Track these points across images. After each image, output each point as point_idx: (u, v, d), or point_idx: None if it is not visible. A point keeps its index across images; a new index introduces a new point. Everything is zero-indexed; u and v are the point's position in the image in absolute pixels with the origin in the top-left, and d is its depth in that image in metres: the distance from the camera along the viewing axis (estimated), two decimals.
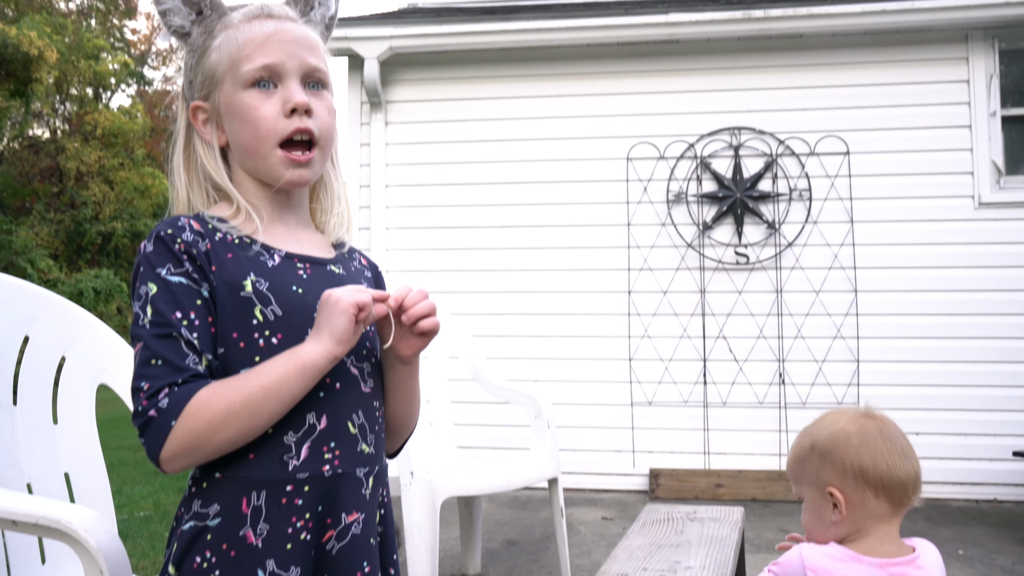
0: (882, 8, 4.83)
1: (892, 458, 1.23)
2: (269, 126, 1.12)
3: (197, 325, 1.04)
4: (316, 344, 1.04)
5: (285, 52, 1.13)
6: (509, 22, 5.16)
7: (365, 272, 1.29)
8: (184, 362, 1.02)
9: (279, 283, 1.10)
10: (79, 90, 22.36)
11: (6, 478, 1.62)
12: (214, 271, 1.07)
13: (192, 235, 1.08)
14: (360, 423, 1.12)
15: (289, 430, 1.06)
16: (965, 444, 4.83)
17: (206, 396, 1.00)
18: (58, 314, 1.83)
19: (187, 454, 1.01)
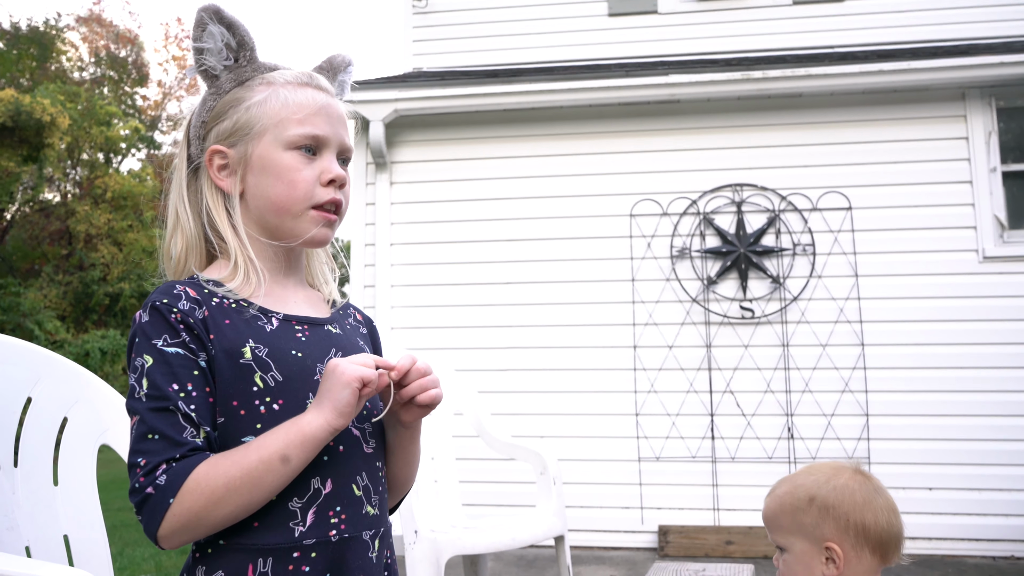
0: (879, 68, 4.92)
1: (891, 516, 1.25)
2: (307, 189, 1.13)
3: (195, 397, 1.03)
4: (317, 415, 1.02)
5: (331, 127, 1.16)
6: (512, 85, 5.26)
7: (360, 328, 1.29)
8: (182, 436, 1.00)
9: (278, 348, 1.09)
10: (90, 155, 22.74)
11: (4, 541, 1.61)
12: (212, 339, 1.06)
13: (189, 303, 1.07)
14: (364, 485, 1.11)
15: (294, 496, 1.04)
16: (980, 499, 4.74)
17: (205, 472, 0.98)
18: (61, 375, 1.83)
19: (185, 531, 0.99)
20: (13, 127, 17.52)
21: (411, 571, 2.50)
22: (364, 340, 1.27)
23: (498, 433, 3.28)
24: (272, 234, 1.16)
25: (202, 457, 1.00)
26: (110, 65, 27.39)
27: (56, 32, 25.06)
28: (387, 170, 5.49)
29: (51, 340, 17.82)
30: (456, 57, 6.35)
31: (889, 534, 1.24)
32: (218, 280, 1.12)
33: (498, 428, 3.32)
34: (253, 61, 1.20)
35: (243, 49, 1.19)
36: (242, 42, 1.19)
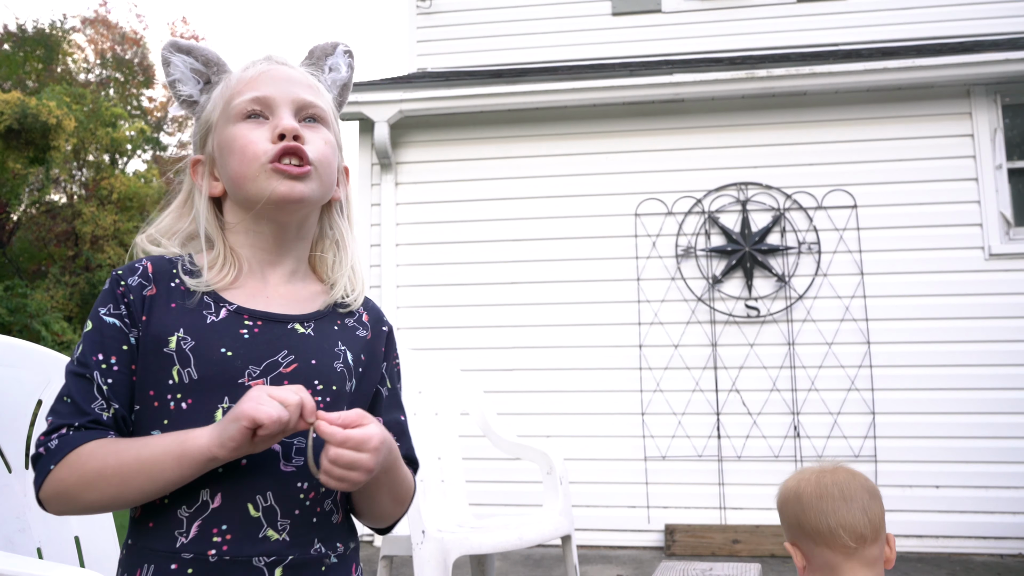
0: (883, 66, 4.91)
1: (825, 505, 1.27)
2: (256, 148, 1.07)
3: (115, 372, 1.01)
4: (204, 436, 0.94)
5: (276, 87, 1.11)
6: (516, 85, 5.27)
7: (358, 331, 1.17)
8: (89, 406, 0.99)
9: (207, 343, 1.02)
10: (96, 156, 22.81)
11: (16, 542, 1.62)
12: (143, 321, 1.03)
13: (138, 279, 1.06)
14: (267, 506, 0.99)
15: (183, 504, 0.98)
16: (987, 497, 4.74)
17: (88, 451, 0.97)
18: None
19: (60, 501, 0.99)
20: (19, 129, 17.58)
21: (418, 571, 2.51)
22: (356, 345, 1.14)
23: (504, 433, 3.29)
24: (250, 212, 1.11)
25: (97, 435, 0.98)
26: (116, 67, 27.47)
27: (62, 34, 25.13)
28: (392, 171, 5.50)
29: (58, 341, 17.88)
30: (460, 57, 6.36)
31: (823, 525, 1.26)
32: (198, 268, 1.09)
33: (504, 428, 3.33)
34: (224, 74, 1.19)
35: (210, 67, 1.19)
36: (206, 61, 1.19)
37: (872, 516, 1.27)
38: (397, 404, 1.21)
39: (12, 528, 1.65)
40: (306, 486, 1.02)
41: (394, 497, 1.11)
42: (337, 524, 1.08)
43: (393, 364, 1.22)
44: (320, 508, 1.04)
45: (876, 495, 1.30)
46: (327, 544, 1.05)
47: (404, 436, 1.19)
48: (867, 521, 1.26)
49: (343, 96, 1.27)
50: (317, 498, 1.04)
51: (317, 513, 1.04)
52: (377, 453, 0.95)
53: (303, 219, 1.15)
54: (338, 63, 1.26)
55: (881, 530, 1.28)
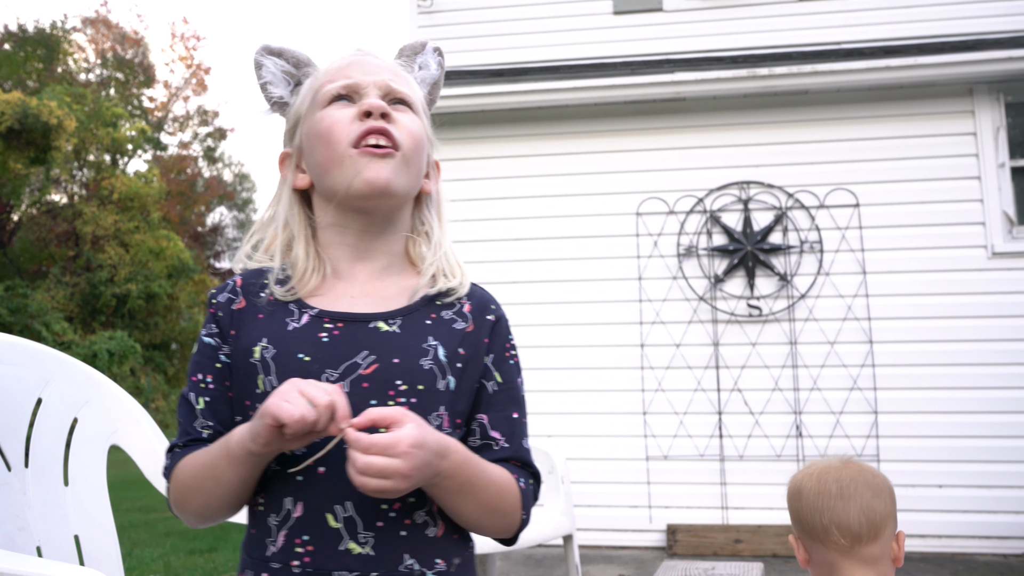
0: (885, 64, 4.90)
1: (821, 502, 1.26)
2: (342, 128, 1.05)
3: (211, 390, 1.04)
4: (241, 432, 0.94)
5: (364, 73, 1.10)
6: (517, 84, 5.26)
7: (456, 324, 1.09)
8: (192, 425, 1.04)
9: (286, 350, 1.00)
10: (97, 156, 22.83)
11: (16, 541, 1.61)
12: (233, 335, 1.04)
13: (227, 295, 1.07)
14: (347, 516, 0.95)
15: (272, 512, 0.98)
16: (990, 496, 4.73)
17: (182, 466, 1.02)
18: (71, 376, 1.84)
19: (180, 515, 1.06)
20: (20, 130, 17.60)
21: None
22: (452, 339, 1.06)
23: None
24: (338, 204, 1.07)
25: (196, 448, 1.03)
26: (116, 67, 27.50)
27: (63, 34, 25.16)
28: None
29: (59, 341, 17.89)
30: (461, 56, 6.34)
31: (820, 522, 1.25)
32: (288, 274, 1.08)
33: None
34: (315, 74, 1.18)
35: (300, 68, 1.19)
36: (296, 63, 1.19)
37: (871, 515, 1.24)
38: (510, 400, 1.10)
39: (12, 527, 1.64)
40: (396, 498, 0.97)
41: (482, 505, 1.00)
42: (436, 538, 1.00)
43: (505, 356, 1.13)
44: (410, 520, 0.98)
45: (882, 492, 1.27)
46: (422, 560, 0.98)
47: (514, 436, 1.09)
48: (864, 520, 1.24)
49: (434, 94, 1.24)
50: (405, 509, 0.98)
51: (406, 526, 0.98)
52: (410, 457, 0.88)
53: (392, 211, 1.11)
54: (427, 61, 1.24)
55: (883, 528, 1.25)
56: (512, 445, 1.08)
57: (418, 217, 1.18)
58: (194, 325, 22.72)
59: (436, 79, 1.24)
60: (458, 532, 1.04)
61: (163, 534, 5.85)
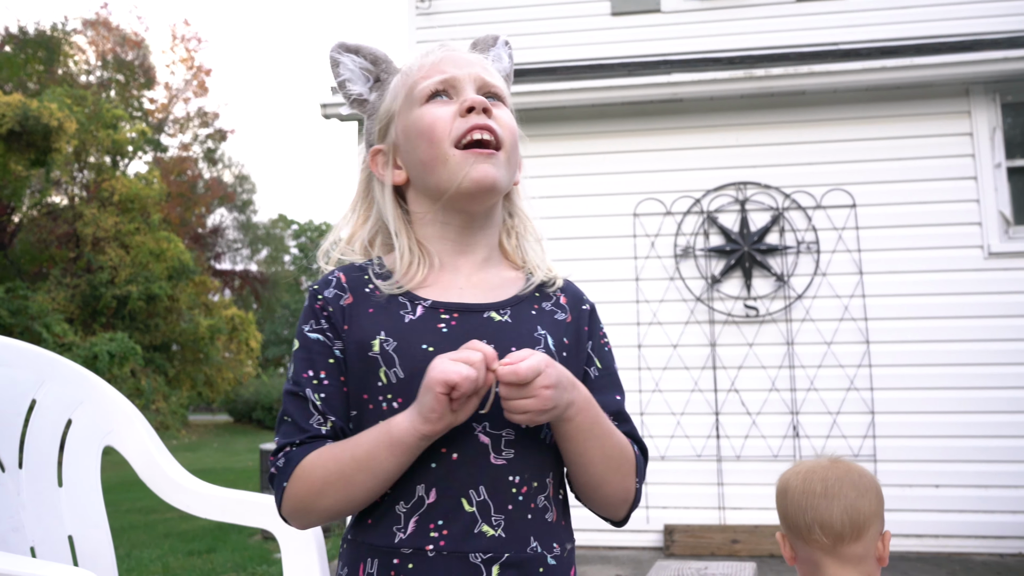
0: (881, 65, 4.91)
1: (805, 501, 1.27)
2: (444, 126, 1.06)
3: (326, 385, 1.03)
4: (405, 418, 0.95)
5: (459, 68, 1.10)
6: (515, 85, 5.26)
7: (557, 315, 1.12)
8: (308, 423, 1.02)
9: (408, 341, 1.02)
10: (97, 158, 22.84)
11: (9, 541, 1.62)
12: (346, 330, 1.04)
13: (334, 291, 1.07)
14: (481, 500, 0.99)
15: (400, 500, 1.00)
16: (987, 496, 4.73)
17: (311, 462, 0.99)
18: (66, 376, 1.85)
19: (300, 516, 1.02)
20: (21, 132, 17.61)
21: None
22: (557, 329, 1.10)
23: None
24: (440, 202, 1.09)
25: (316, 446, 1.01)
26: (117, 68, 27.53)
27: (63, 36, 25.18)
28: None
29: (59, 343, 17.90)
30: None
31: (803, 520, 1.26)
32: (387, 270, 1.09)
33: None
34: (393, 72, 1.18)
35: (378, 65, 1.20)
36: (374, 59, 1.20)
37: (854, 515, 1.25)
38: (611, 384, 1.14)
39: (6, 527, 1.65)
40: (518, 480, 1.01)
41: (606, 454, 1.04)
42: (552, 523, 1.04)
43: (601, 343, 1.17)
44: (534, 504, 1.02)
45: (867, 492, 1.27)
46: (543, 543, 1.02)
47: (621, 416, 1.13)
48: (847, 520, 1.24)
49: (507, 86, 1.23)
50: (530, 493, 1.02)
51: (531, 509, 1.02)
52: (549, 376, 0.93)
53: (492, 206, 1.13)
54: (500, 54, 1.25)
55: (867, 528, 1.25)
56: (622, 425, 1.11)
57: (507, 209, 1.20)
58: (194, 326, 22.72)
59: (508, 71, 1.25)
60: (566, 519, 1.08)
61: (162, 535, 5.86)
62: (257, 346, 26.38)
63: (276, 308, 39.08)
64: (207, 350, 23.41)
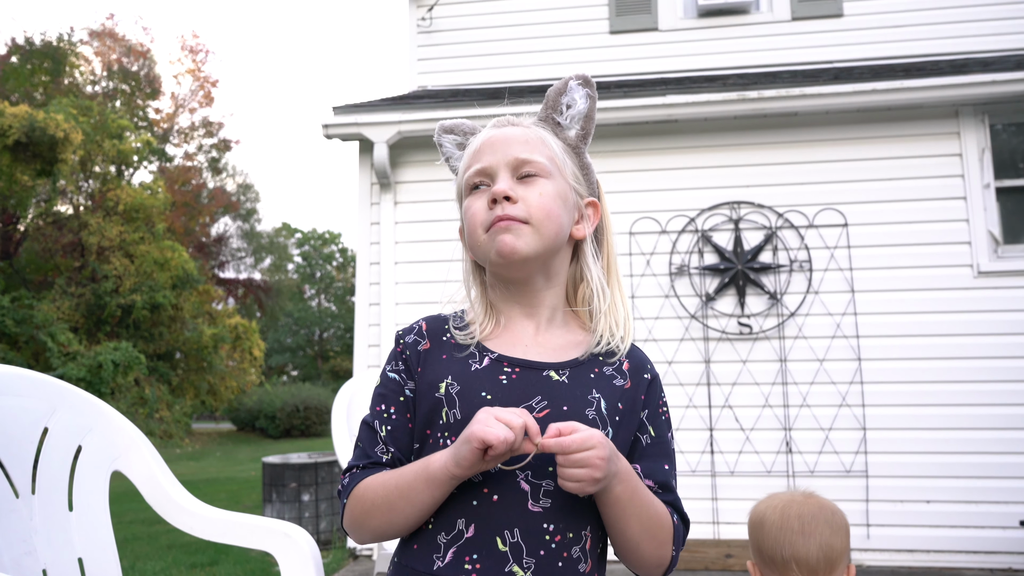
0: (872, 88, 5.00)
1: (783, 536, 1.35)
2: (480, 218, 1.18)
3: (394, 420, 1.16)
4: (443, 456, 1.06)
5: (493, 155, 1.20)
6: (512, 106, 5.34)
7: (616, 380, 1.18)
8: (373, 450, 1.16)
9: (470, 387, 1.12)
10: (102, 168, 23.00)
11: (23, 565, 1.71)
12: (419, 372, 1.17)
13: (414, 337, 1.22)
14: (514, 542, 1.06)
15: (442, 531, 1.09)
16: (977, 512, 4.80)
17: (366, 485, 1.12)
18: (76, 405, 1.94)
19: (354, 531, 1.15)
20: (27, 142, 17.76)
21: None
22: (612, 393, 1.16)
23: None
24: (487, 268, 1.23)
25: (376, 471, 1.14)
26: (122, 78, 27.72)
27: (69, 46, 25.38)
28: (391, 190, 5.60)
29: (64, 352, 18.01)
30: (460, 75, 6.47)
31: (779, 555, 1.34)
32: (466, 320, 1.23)
33: None
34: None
35: (469, 137, 1.32)
36: (465, 133, 1.34)
37: (828, 552, 1.33)
38: (662, 453, 1.19)
39: (19, 551, 1.74)
40: (552, 528, 1.08)
41: (644, 524, 1.10)
42: (585, 573, 1.10)
43: (659, 412, 1.22)
44: (567, 553, 1.08)
45: (839, 529, 1.36)
46: None
47: (667, 487, 1.18)
48: (822, 556, 1.32)
49: (587, 127, 1.31)
50: (564, 542, 1.08)
51: (563, 558, 1.08)
52: (604, 448, 1.01)
53: (543, 268, 1.21)
54: (574, 98, 1.30)
55: (838, 563, 1.34)
56: (665, 495, 1.18)
57: (581, 265, 1.26)
58: (198, 335, 22.81)
59: (586, 112, 1.30)
60: (601, 572, 1.16)
61: (165, 547, 5.94)
62: (260, 355, 26.46)
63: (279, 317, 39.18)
64: (211, 359, 23.50)
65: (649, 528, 1.11)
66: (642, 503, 1.10)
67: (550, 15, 6.42)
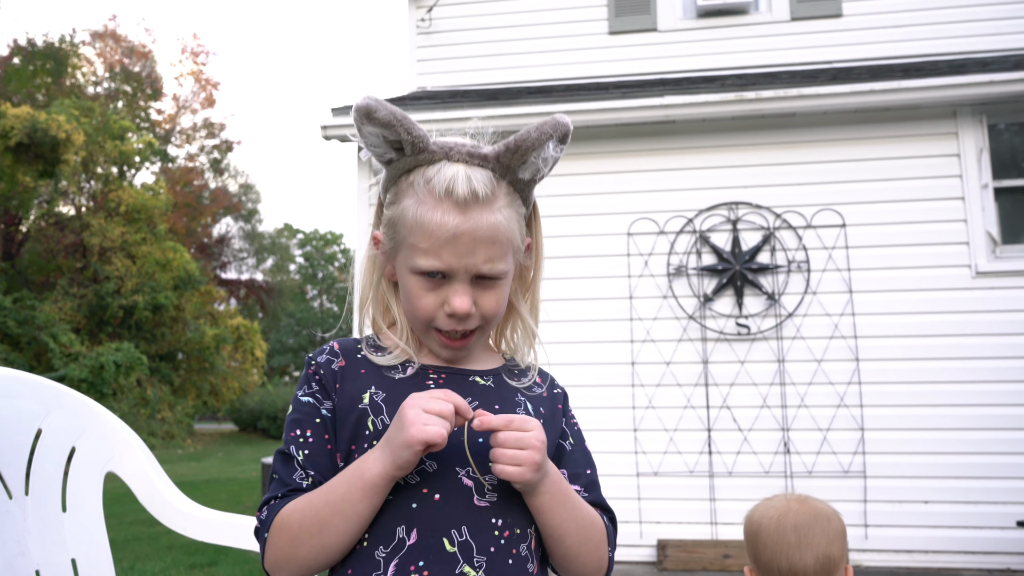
0: (870, 88, 5.00)
1: (779, 547, 1.34)
2: (428, 314, 1.10)
3: (311, 443, 1.08)
4: (378, 462, 0.99)
5: (458, 258, 1.06)
6: (511, 107, 5.38)
7: (535, 388, 1.20)
8: (291, 477, 1.07)
9: (396, 393, 1.08)
10: (104, 169, 23.03)
11: (16, 566, 1.72)
12: (338, 388, 1.10)
13: (327, 356, 1.14)
14: (462, 541, 1.01)
15: (380, 544, 1.01)
16: (975, 512, 4.80)
17: (288, 511, 1.03)
18: (70, 406, 1.94)
19: (281, 568, 1.04)
20: (29, 144, 17.80)
21: None
22: (534, 400, 1.17)
23: None
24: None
25: (293, 498, 1.05)
26: (124, 80, 27.76)
27: (71, 48, 25.42)
28: None
29: (65, 353, 18.04)
30: (459, 76, 6.47)
31: (775, 565, 1.34)
32: (381, 345, 1.17)
33: None
34: (419, 152, 1.09)
35: (405, 144, 1.09)
36: (401, 139, 1.09)
37: (825, 561, 1.32)
38: (584, 459, 1.20)
39: (12, 552, 1.75)
40: (500, 523, 1.04)
41: (579, 527, 1.08)
42: (532, 574, 1.07)
43: (572, 423, 1.23)
44: (516, 551, 1.05)
45: (836, 537, 1.35)
46: None
47: (593, 487, 1.18)
48: (819, 567, 1.32)
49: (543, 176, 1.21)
50: (512, 539, 1.05)
51: (513, 555, 1.04)
52: (542, 431, 1.00)
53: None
54: (545, 158, 1.15)
55: (835, 570, 1.33)
56: (591, 495, 1.17)
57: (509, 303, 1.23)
58: (200, 336, 22.85)
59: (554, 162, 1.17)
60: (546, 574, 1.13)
61: (164, 548, 5.95)
62: (262, 355, 26.51)
63: (281, 317, 39.21)
64: (212, 359, 23.54)
65: (585, 529, 1.09)
66: (575, 505, 1.09)
67: (549, 16, 6.42)
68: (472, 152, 1.10)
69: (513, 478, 0.98)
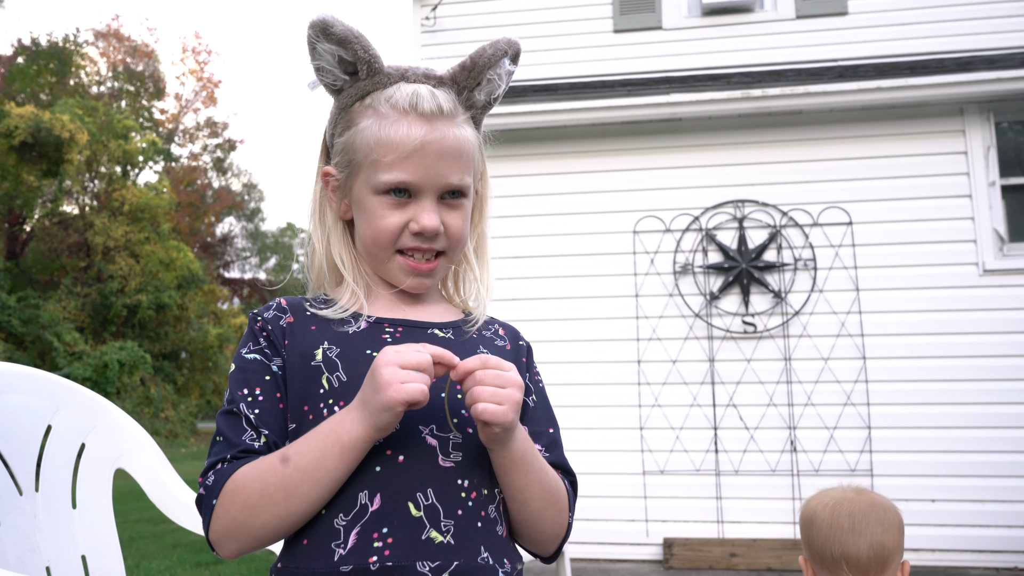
0: (876, 85, 4.99)
1: (833, 535, 1.33)
2: (391, 236, 1.05)
3: (261, 401, 1.00)
4: (357, 423, 0.92)
5: (425, 171, 1.03)
6: (516, 105, 5.37)
7: (497, 341, 1.15)
8: (240, 438, 0.98)
9: (351, 348, 1.02)
10: (108, 168, 23.06)
11: (27, 562, 1.72)
12: (287, 345, 1.03)
13: (274, 312, 1.07)
14: (428, 504, 0.95)
15: (340, 512, 0.94)
16: (983, 511, 4.79)
17: (243, 476, 0.94)
18: (79, 403, 1.94)
19: (232, 538, 0.95)
20: (33, 143, 17.82)
21: None
22: (496, 352, 1.11)
23: None
24: (377, 273, 1.11)
25: (247, 460, 0.96)
26: (127, 79, 27.79)
27: (75, 47, 25.45)
28: None
29: (70, 351, 18.07)
30: None
31: (832, 553, 1.32)
32: (329, 298, 1.10)
33: None
34: (375, 73, 1.06)
35: (360, 63, 1.05)
36: (357, 57, 1.05)
37: (879, 550, 1.31)
38: (546, 417, 1.16)
39: (23, 548, 1.74)
40: (467, 484, 0.98)
41: (544, 488, 1.03)
42: (502, 537, 1.02)
43: (535, 379, 1.19)
44: (484, 513, 0.99)
45: (892, 527, 1.33)
46: (494, 556, 0.98)
47: (555, 446, 1.13)
48: (872, 555, 1.30)
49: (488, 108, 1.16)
50: (480, 500, 0.99)
51: (481, 517, 0.98)
52: (517, 375, 0.94)
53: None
54: (500, 74, 1.12)
55: (890, 562, 1.32)
56: (553, 454, 1.12)
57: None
58: (203, 335, 22.87)
59: (499, 95, 1.15)
60: (514, 540, 1.07)
61: (171, 546, 5.95)
62: None
63: None
64: (216, 358, 23.57)
65: (550, 493, 1.04)
66: (541, 467, 1.04)
67: (554, 14, 6.40)
68: (428, 73, 1.08)
69: (496, 418, 0.90)
